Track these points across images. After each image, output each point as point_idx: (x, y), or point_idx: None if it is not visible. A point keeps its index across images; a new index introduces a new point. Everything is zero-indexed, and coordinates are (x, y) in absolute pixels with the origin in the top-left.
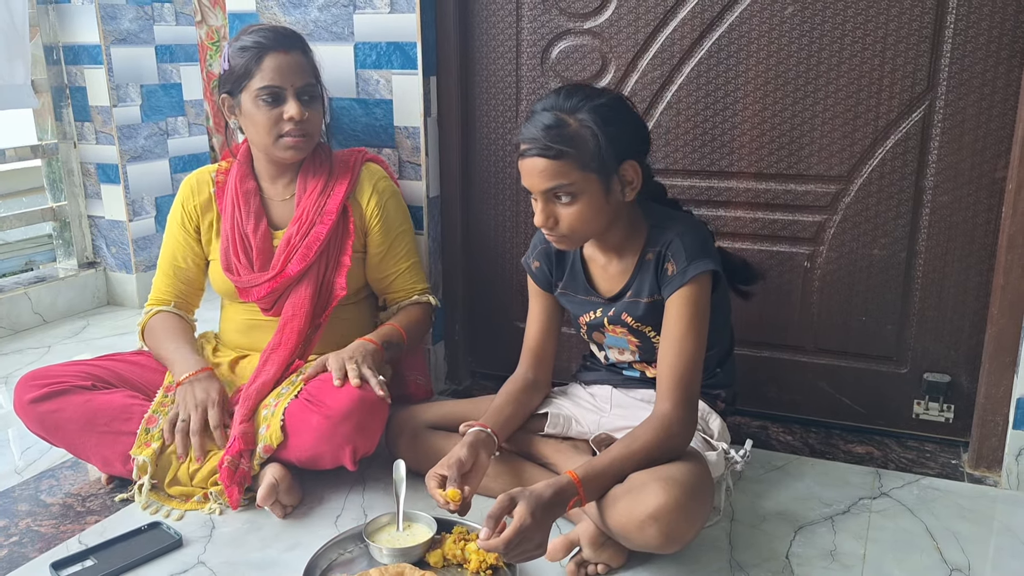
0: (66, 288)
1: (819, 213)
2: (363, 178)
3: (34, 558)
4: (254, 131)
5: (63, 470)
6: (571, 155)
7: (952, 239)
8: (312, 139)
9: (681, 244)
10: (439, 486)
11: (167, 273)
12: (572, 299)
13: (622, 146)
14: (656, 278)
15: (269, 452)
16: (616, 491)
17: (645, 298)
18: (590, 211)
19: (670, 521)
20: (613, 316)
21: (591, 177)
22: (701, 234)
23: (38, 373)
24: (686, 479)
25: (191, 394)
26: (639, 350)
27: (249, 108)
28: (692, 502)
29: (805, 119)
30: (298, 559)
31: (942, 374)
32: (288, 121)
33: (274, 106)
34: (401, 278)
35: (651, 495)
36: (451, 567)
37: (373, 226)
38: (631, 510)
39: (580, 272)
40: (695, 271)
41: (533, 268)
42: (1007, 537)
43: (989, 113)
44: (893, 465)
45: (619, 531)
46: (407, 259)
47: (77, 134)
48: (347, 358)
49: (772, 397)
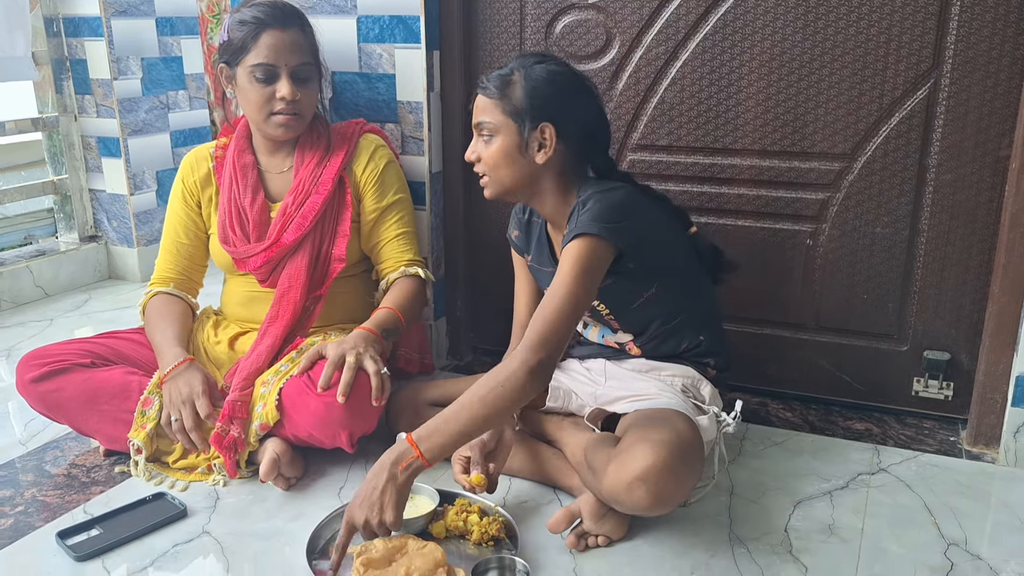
0: (67, 262)
1: (822, 191)
2: (360, 147)
3: (40, 527)
4: (247, 106)
5: (67, 441)
6: (497, 97)
7: (955, 217)
8: (304, 119)
9: (579, 211)
10: (463, 470)
11: (170, 250)
12: (538, 271)
13: (546, 108)
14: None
15: (265, 429)
16: (604, 455)
17: None
18: (502, 156)
19: (658, 482)
20: None
21: (509, 123)
22: (611, 197)
23: (38, 352)
24: (674, 440)
25: (176, 390)
26: (595, 322)
27: (243, 83)
28: (680, 463)
29: (810, 96)
30: (302, 529)
31: (942, 352)
32: (280, 100)
33: (267, 84)
34: (390, 246)
35: (639, 457)
36: (453, 538)
37: (367, 192)
38: (620, 472)
39: (545, 244)
40: (582, 229)
41: (513, 237)
42: (1004, 513)
43: (994, 91)
44: (892, 442)
45: (610, 495)
46: (399, 227)
47: (78, 107)
48: (348, 348)
49: (772, 374)
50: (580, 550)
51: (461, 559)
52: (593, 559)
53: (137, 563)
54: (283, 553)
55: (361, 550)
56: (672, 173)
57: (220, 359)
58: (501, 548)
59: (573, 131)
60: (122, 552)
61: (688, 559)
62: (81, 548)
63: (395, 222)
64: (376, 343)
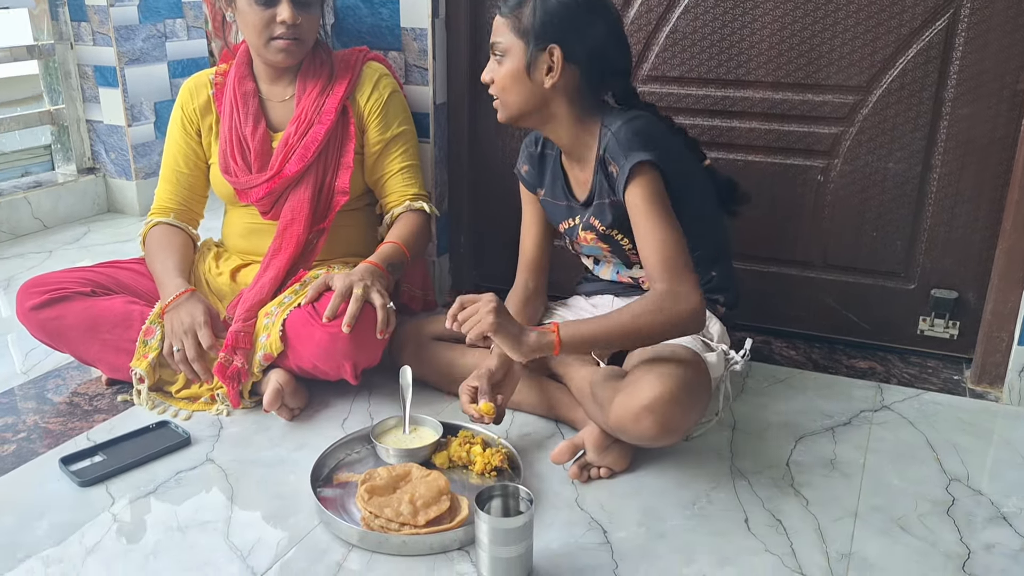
0: (66, 193)
1: (835, 125)
2: (364, 76)
3: (43, 453)
4: (247, 31)
5: (69, 370)
6: (510, 17)
7: (969, 153)
8: (304, 44)
9: (615, 140)
10: (471, 400)
11: (169, 180)
12: (552, 205)
13: (553, 29)
14: (607, 180)
15: (269, 360)
16: (611, 386)
17: (607, 200)
18: (510, 77)
19: (665, 412)
20: (585, 222)
21: (519, 44)
22: (637, 126)
23: (38, 280)
24: (681, 373)
25: (177, 320)
26: (611, 256)
27: (243, 6)
28: (687, 395)
29: (826, 26)
30: (306, 458)
31: (949, 290)
32: (280, 24)
33: (267, 7)
34: (394, 179)
35: (646, 387)
36: (456, 468)
37: (371, 123)
38: (627, 403)
39: (560, 177)
40: (631, 163)
41: (523, 172)
42: (1006, 450)
43: (1015, 22)
44: (895, 380)
45: (617, 425)
46: (403, 160)
47: (74, 35)
48: (356, 280)
49: (778, 312)
50: (583, 481)
51: (464, 489)
52: (595, 490)
53: (141, 489)
54: (287, 481)
55: (365, 477)
56: (683, 106)
57: (222, 291)
58: (504, 479)
59: (582, 54)
60: (125, 478)
61: (690, 490)
62: (84, 474)
63: (400, 155)
64: (382, 277)
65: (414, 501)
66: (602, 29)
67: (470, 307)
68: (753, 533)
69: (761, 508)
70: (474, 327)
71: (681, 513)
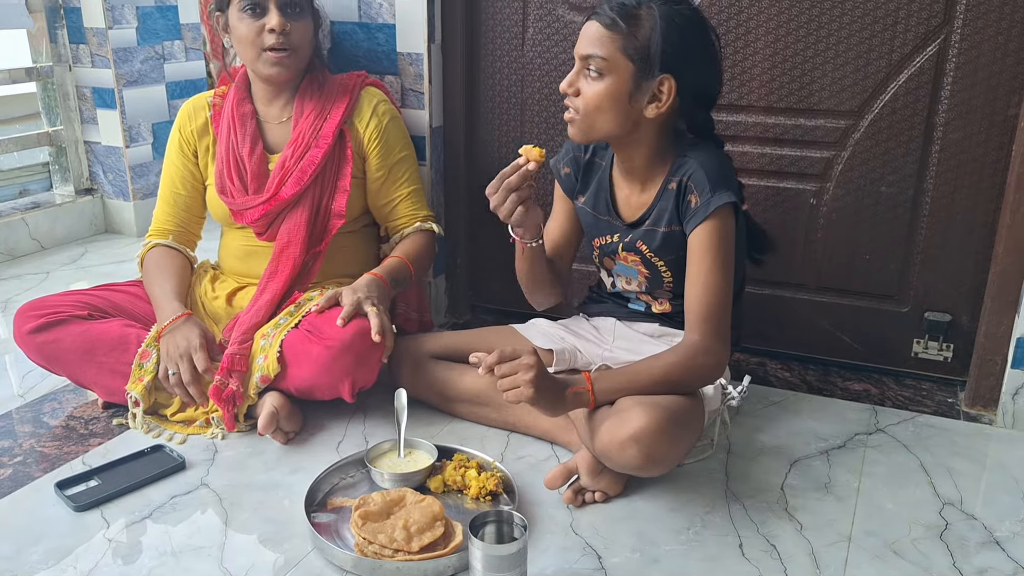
0: (64, 215)
1: (828, 149)
2: (362, 101)
3: (39, 477)
4: (240, 47)
5: (65, 393)
6: (620, 31)
7: (960, 177)
8: (297, 54)
9: (704, 174)
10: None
11: (167, 201)
12: (591, 216)
13: (672, 57)
14: (677, 209)
15: (266, 382)
16: (603, 413)
17: (663, 227)
18: (608, 98)
19: (651, 443)
20: (629, 243)
21: (627, 64)
22: (723, 164)
23: (35, 304)
24: (671, 405)
25: (173, 344)
26: (647, 281)
27: (235, 22)
28: (675, 427)
29: (818, 52)
30: (301, 482)
31: (943, 313)
32: (270, 33)
33: (256, 17)
34: (402, 204)
35: (634, 417)
36: (451, 493)
37: (372, 150)
38: (614, 431)
39: (606, 190)
40: (719, 202)
41: (562, 173)
42: (1000, 473)
43: (1005, 48)
44: (890, 403)
45: (603, 452)
46: (408, 185)
47: (72, 57)
48: (363, 298)
49: (772, 334)
50: (577, 505)
51: (459, 513)
52: (590, 514)
53: (135, 514)
54: (281, 505)
55: (359, 503)
56: None
57: (218, 314)
58: (498, 503)
59: (691, 89)
60: (120, 503)
61: (684, 515)
62: (80, 499)
63: (404, 180)
64: (384, 289)
65: (408, 527)
66: (713, 63)
67: (508, 365)
68: (747, 558)
69: (755, 533)
70: (512, 392)
71: (675, 538)
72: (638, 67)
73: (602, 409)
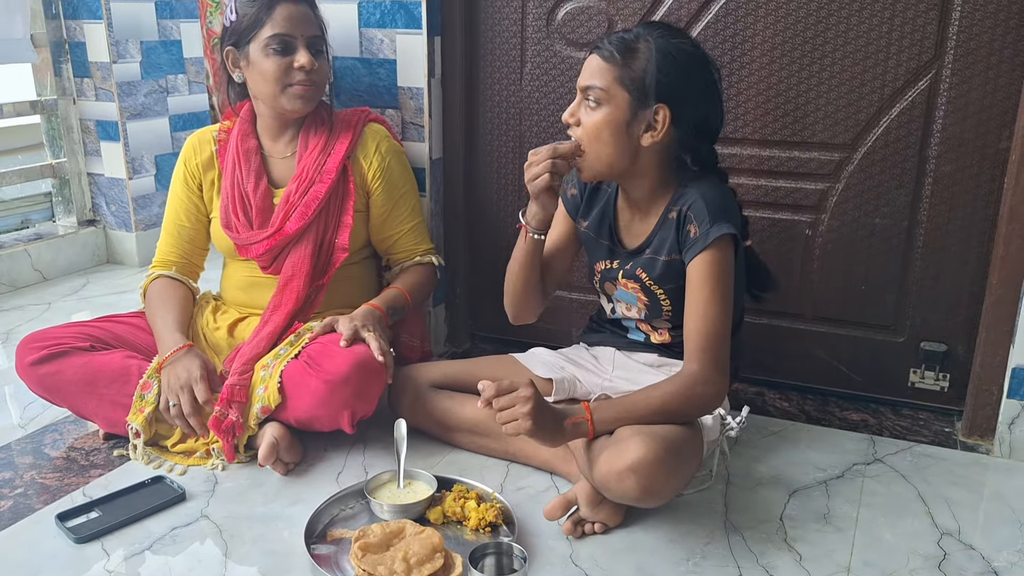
0: (66, 246)
1: (822, 181)
2: (366, 137)
3: (39, 509)
4: (262, 82)
5: (66, 424)
6: (617, 63)
7: (954, 209)
8: (320, 90)
9: (704, 205)
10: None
11: (171, 233)
12: (592, 241)
13: (667, 87)
14: (677, 238)
15: (266, 413)
16: (601, 443)
17: (663, 256)
18: (607, 128)
19: (648, 474)
20: (629, 270)
21: (623, 94)
22: (725, 197)
23: (37, 336)
24: (670, 436)
25: (173, 375)
26: (647, 308)
27: (258, 58)
28: (673, 458)
29: (811, 86)
30: (300, 514)
31: (939, 343)
32: (299, 70)
33: (284, 55)
34: (404, 238)
35: (632, 448)
36: (451, 524)
37: (376, 187)
38: (612, 461)
39: (609, 216)
40: (717, 233)
41: (568, 195)
42: (997, 503)
43: (995, 83)
44: (888, 432)
45: (601, 482)
46: (410, 219)
47: (76, 90)
48: (359, 326)
49: (770, 364)
50: (576, 537)
51: (458, 544)
52: (589, 545)
53: (136, 546)
54: (281, 537)
55: (359, 535)
56: None
57: (219, 345)
58: (498, 534)
59: (688, 119)
60: (121, 535)
61: (683, 546)
62: (80, 530)
63: (407, 215)
64: (381, 320)
65: (408, 559)
66: (711, 95)
67: (506, 398)
68: None
69: (755, 564)
70: (511, 425)
71: (675, 569)
72: (634, 97)
73: (601, 439)
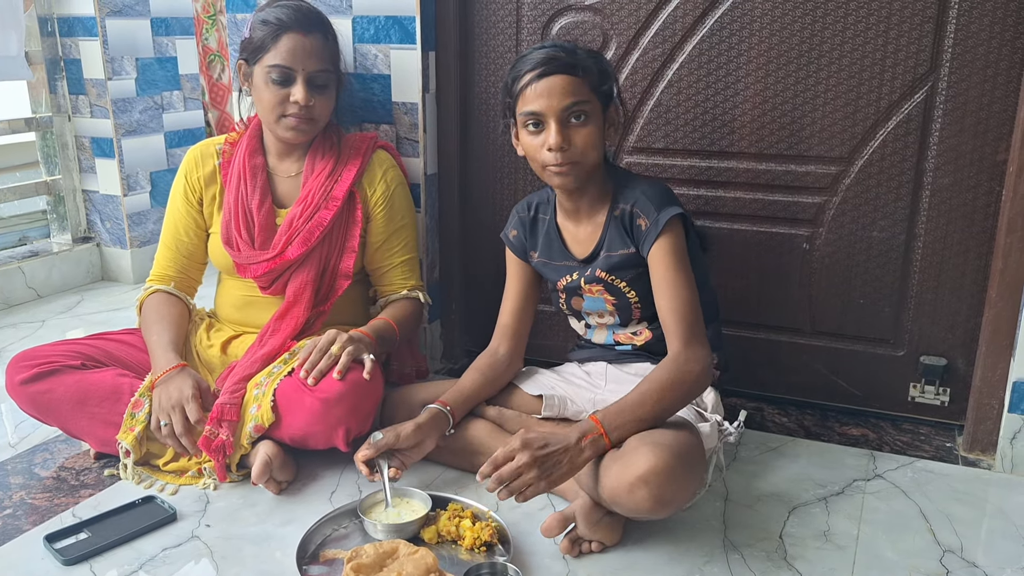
0: (60, 263)
1: (819, 195)
2: (373, 165)
3: (28, 530)
4: (260, 106)
5: (57, 444)
6: (588, 74)
7: (952, 222)
8: (316, 124)
9: (647, 198)
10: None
11: (169, 247)
12: (549, 265)
13: (613, 86)
14: (629, 234)
15: (260, 432)
16: (608, 457)
17: (618, 252)
18: (596, 137)
19: (660, 484)
20: (589, 275)
21: (597, 103)
22: (663, 187)
23: (28, 354)
24: (676, 445)
25: (165, 395)
26: (616, 309)
27: (259, 83)
28: (682, 467)
29: (807, 99)
30: (293, 534)
31: (938, 357)
32: (292, 104)
33: (282, 87)
34: (395, 271)
35: (641, 459)
36: (445, 543)
37: (377, 214)
38: (622, 474)
39: (556, 237)
40: (666, 217)
41: (511, 237)
42: (1000, 519)
43: (992, 95)
44: (888, 447)
45: (610, 496)
46: (404, 253)
47: (71, 107)
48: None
49: (768, 379)
50: (573, 555)
51: (453, 565)
52: (587, 565)
53: (126, 567)
54: (273, 558)
55: (352, 555)
56: (668, 176)
57: (212, 363)
58: (494, 553)
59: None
60: (110, 556)
61: (682, 565)
62: (69, 552)
63: (400, 248)
64: (371, 345)
65: None
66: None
67: (506, 468)
68: None
69: None
70: (526, 492)
71: None
72: (601, 101)
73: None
